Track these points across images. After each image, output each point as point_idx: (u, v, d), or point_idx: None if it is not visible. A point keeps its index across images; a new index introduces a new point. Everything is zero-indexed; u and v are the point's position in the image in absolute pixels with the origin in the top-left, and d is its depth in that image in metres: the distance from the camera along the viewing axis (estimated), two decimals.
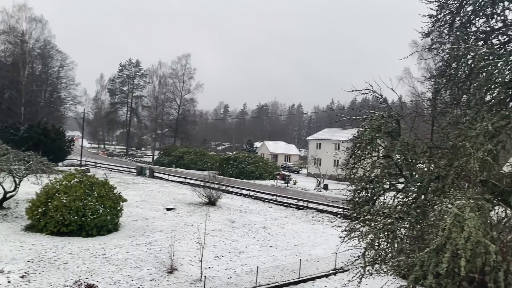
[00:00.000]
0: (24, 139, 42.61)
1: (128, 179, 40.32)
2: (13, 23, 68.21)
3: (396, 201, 9.13)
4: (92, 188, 17.94)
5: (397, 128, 9.31)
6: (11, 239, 15.10)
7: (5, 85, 66.38)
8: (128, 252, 14.86)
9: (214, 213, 24.06)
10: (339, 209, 26.28)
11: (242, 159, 55.51)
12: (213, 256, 15.38)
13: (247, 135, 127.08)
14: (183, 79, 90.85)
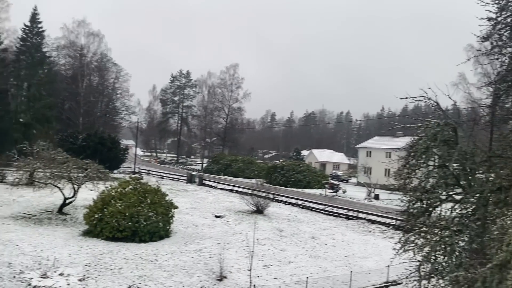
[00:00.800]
0: (82, 147, 44.89)
1: (179, 187, 41.31)
2: (73, 38, 72.38)
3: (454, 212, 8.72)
4: (145, 195, 18.53)
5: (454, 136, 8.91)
6: (70, 243, 15.87)
7: (65, 97, 70.47)
8: (179, 258, 15.17)
9: (262, 222, 24.06)
10: (392, 220, 25.44)
11: (289, 168, 55.27)
12: (262, 265, 15.35)
13: (294, 143, 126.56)
14: (231, 89, 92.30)
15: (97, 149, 46.93)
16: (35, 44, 63.28)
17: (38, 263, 12.91)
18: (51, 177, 21.47)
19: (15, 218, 19.77)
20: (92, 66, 75.22)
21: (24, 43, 63.08)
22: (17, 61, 62.59)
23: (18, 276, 11.67)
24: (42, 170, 22.72)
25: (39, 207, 23.39)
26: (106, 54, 76.23)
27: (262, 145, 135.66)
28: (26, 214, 21.01)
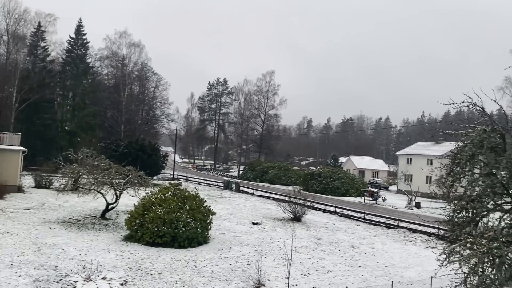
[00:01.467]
0: (124, 154, 46.28)
1: (216, 193, 41.73)
2: (115, 49, 74.99)
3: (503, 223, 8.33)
4: (184, 201, 18.81)
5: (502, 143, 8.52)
6: (112, 248, 16.33)
7: (108, 105, 72.97)
8: (217, 265, 15.28)
9: (300, 229, 23.86)
10: (434, 229, 24.59)
11: (327, 175, 54.60)
12: (300, 274, 15.20)
13: (331, 149, 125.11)
14: (267, 95, 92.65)
15: (138, 156, 48.19)
16: (79, 55, 66.05)
17: (82, 266, 13.36)
18: (94, 183, 22.22)
19: (61, 223, 20.58)
20: (133, 76, 77.57)
21: (70, 55, 65.99)
22: (63, 72, 65.51)
23: (64, 279, 12.12)
24: (86, 176, 23.56)
25: (83, 212, 24.27)
26: (146, 64, 78.48)
27: (299, 152, 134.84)
28: (71, 219, 21.83)
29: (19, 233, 17.40)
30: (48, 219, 21.19)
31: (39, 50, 61.62)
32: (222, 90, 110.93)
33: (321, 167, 72.97)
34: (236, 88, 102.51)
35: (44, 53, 62.34)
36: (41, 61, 61.96)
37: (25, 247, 15.27)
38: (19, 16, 58.94)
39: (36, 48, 61.17)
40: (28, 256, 14.02)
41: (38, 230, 18.44)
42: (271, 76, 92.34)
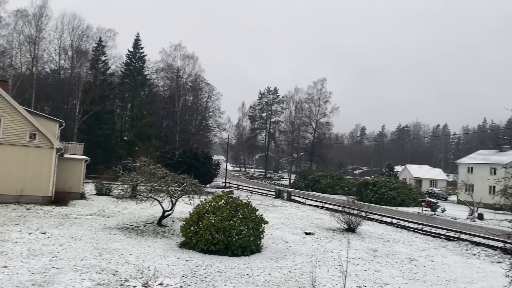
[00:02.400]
0: (178, 163, 47.57)
1: (268, 202, 41.74)
2: (170, 61, 77.75)
3: None
4: (237, 209, 18.94)
5: None
6: (168, 254, 16.73)
7: (164, 116, 75.59)
8: (271, 274, 15.19)
9: (354, 240, 23.25)
10: (500, 243, 23.04)
11: (382, 184, 53.03)
12: (355, 286, 14.75)
13: (386, 158, 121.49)
14: (318, 103, 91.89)
15: (192, 164, 49.37)
16: (137, 68, 69.05)
17: (140, 272, 13.78)
18: (151, 191, 22.97)
19: (120, 229, 21.41)
20: (187, 87, 79.90)
21: (128, 68, 69.17)
22: (122, 84, 68.75)
23: (123, 283, 12.54)
24: (144, 184, 24.40)
25: (141, 218, 25.14)
26: (199, 75, 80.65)
27: (352, 161, 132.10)
28: (130, 225, 22.66)
29: (82, 238, 18.29)
30: (109, 225, 22.13)
31: (100, 64, 65.16)
32: (272, 99, 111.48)
33: (375, 176, 71.06)
34: (287, 97, 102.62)
35: (105, 67, 65.86)
36: (102, 74, 65.47)
37: (88, 251, 16.01)
38: (82, 33, 62.82)
39: (97, 62, 64.72)
40: (90, 261, 14.67)
41: (99, 235, 19.29)
42: (322, 83, 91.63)
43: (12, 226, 19.80)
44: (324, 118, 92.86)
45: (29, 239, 17.30)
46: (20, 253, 14.91)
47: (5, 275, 12.23)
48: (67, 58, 63.61)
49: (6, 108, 27.16)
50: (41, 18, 57.79)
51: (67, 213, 25.17)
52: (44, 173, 28.22)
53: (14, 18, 55.77)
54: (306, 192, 61.68)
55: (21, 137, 27.59)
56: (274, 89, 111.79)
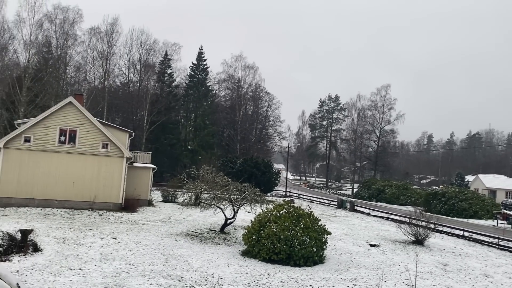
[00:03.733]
0: (239, 171, 48.21)
1: (330, 212, 40.96)
2: (232, 72, 79.51)
3: None
4: (298, 219, 18.74)
5: None
6: (231, 262, 16.90)
7: (225, 125, 77.22)
8: (334, 286, 14.81)
9: (423, 254, 22.09)
10: None
11: (451, 195, 50.12)
12: None
13: (455, 167, 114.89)
14: (382, 110, 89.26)
15: (253, 173, 49.79)
16: (200, 80, 71.31)
17: (204, 279, 14.02)
18: (214, 198, 23.42)
19: (185, 235, 22.01)
20: (248, 96, 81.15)
21: (192, 79, 71.62)
22: (186, 95, 71.27)
23: None
24: (207, 192, 24.95)
25: (204, 226, 25.69)
26: (260, 85, 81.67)
27: (418, 170, 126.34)
28: (194, 232, 23.23)
29: (149, 244, 19.01)
30: (174, 232, 22.83)
31: (166, 76, 68.15)
32: (333, 107, 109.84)
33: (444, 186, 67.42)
34: (349, 104, 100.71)
35: (170, 79, 68.76)
36: (168, 86, 68.40)
37: (155, 257, 16.59)
38: (150, 47, 66.19)
39: (163, 75, 67.75)
40: (157, 266, 15.18)
41: (165, 241, 19.94)
42: (386, 90, 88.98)
43: (87, 231, 21.06)
44: (388, 125, 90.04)
45: (101, 243, 18.29)
46: (93, 256, 15.79)
47: (80, 277, 12.99)
48: (135, 72, 67.28)
49: (81, 120, 29.13)
50: (112, 34, 61.76)
51: (135, 219, 26.35)
52: (115, 181, 29.82)
53: (88, 36, 60.12)
54: (370, 202, 59.83)
55: (94, 147, 29.41)
56: (335, 96, 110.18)
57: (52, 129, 28.58)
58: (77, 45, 58.01)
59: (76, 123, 29.02)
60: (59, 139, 28.72)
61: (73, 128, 28.98)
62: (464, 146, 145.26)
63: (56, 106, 29.34)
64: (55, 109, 28.86)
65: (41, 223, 21.88)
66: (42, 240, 17.29)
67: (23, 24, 49.75)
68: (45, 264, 14.06)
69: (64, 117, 28.87)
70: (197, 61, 71.81)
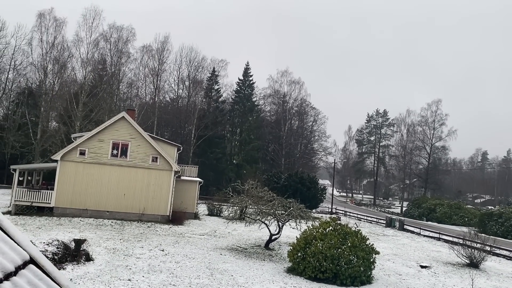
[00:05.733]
0: (284, 187, 47.93)
1: (378, 230, 39.74)
2: (277, 87, 79.98)
3: None
4: (345, 237, 18.30)
5: None
6: (276, 279, 16.72)
7: (270, 140, 77.42)
8: None
9: (478, 278, 20.82)
10: None
11: (509, 215, 47.14)
12: None
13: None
14: (433, 126, 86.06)
15: (298, 188, 49.34)
16: (246, 95, 72.20)
17: None
18: (259, 213, 23.39)
19: (230, 250, 22.08)
20: (293, 111, 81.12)
21: (238, 95, 72.67)
22: (232, 111, 72.34)
23: None
24: (251, 206, 24.98)
25: (249, 241, 25.67)
26: (305, 100, 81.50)
27: (472, 188, 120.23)
28: (239, 247, 23.26)
29: (195, 257, 19.22)
30: (219, 246, 22.98)
31: (213, 92, 69.66)
32: (382, 122, 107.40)
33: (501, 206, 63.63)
34: (398, 119, 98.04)
35: (217, 95, 70.18)
36: (215, 101, 69.81)
37: (200, 270, 16.74)
38: (198, 64, 68.07)
39: (210, 91, 69.30)
40: (203, 280, 15.30)
41: (211, 255, 20.10)
42: (437, 105, 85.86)
43: (135, 242, 21.65)
44: (439, 142, 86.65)
45: (149, 255, 18.72)
46: (141, 268, 16.17)
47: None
48: (184, 88, 69.32)
49: (133, 134, 30.26)
50: (163, 52, 64.15)
51: (182, 232, 26.80)
52: (163, 194, 30.57)
53: (140, 53, 62.80)
54: (420, 221, 57.45)
55: (144, 160, 30.39)
56: (384, 111, 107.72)
57: (105, 142, 29.87)
58: (130, 62, 60.79)
59: (128, 137, 30.16)
60: (111, 153, 29.93)
61: (125, 142, 30.13)
62: None
63: (110, 121, 30.71)
64: (108, 124, 30.19)
65: (93, 233, 22.75)
66: (94, 250, 17.94)
67: (81, 43, 52.97)
68: (96, 274, 14.55)
69: (117, 131, 30.10)
70: (243, 76, 72.88)
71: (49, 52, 52.07)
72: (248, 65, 73.06)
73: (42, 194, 28.83)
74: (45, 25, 52.38)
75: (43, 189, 30.23)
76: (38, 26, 52.35)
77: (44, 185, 34.12)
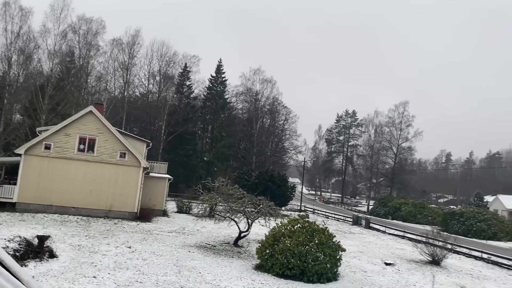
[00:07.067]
0: (255, 184, 48.15)
1: (344, 228, 40.49)
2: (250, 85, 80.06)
3: None
4: (313, 234, 18.56)
5: None
6: (244, 276, 16.80)
7: (241, 138, 77.46)
8: None
9: (439, 275, 21.59)
10: None
11: (470, 215, 49.08)
12: None
13: (474, 187, 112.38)
14: (400, 127, 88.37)
15: (268, 186, 49.67)
16: (218, 92, 71.95)
17: None
18: (229, 211, 23.40)
19: (199, 247, 22.01)
20: (265, 110, 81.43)
21: (210, 92, 72.31)
22: (204, 107, 71.94)
23: None
24: (221, 204, 24.96)
25: (218, 238, 25.65)
26: (277, 98, 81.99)
27: (436, 188, 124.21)
28: (207, 244, 23.21)
29: (163, 254, 19.05)
30: (188, 243, 22.86)
31: (184, 88, 69.01)
32: (350, 122, 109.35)
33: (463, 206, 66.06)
34: (366, 120, 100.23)
35: (189, 91, 69.60)
36: (186, 98, 69.20)
37: (168, 268, 16.61)
38: (169, 59, 67.28)
39: (182, 87, 68.62)
40: (170, 277, 15.19)
41: (179, 252, 19.97)
42: (404, 106, 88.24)
43: (102, 239, 21.25)
44: (406, 142, 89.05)
45: (116, 252, 18.42)
46: (107, 265, 15.89)
47: (93, 285, 13.07)
48: (155, 83, 68.38)
49: (101, 129, 29.63)
50: (133, 46, 63.01)
51: (150, 229, 26.48)
52: (131, 190, 30.10)
53: (110, 47, 61.42)
54: (385, 220, 58.95)
55: (112, 156, 29.82)
56: (353, 112, 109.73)
57: (72, 137, 29.12)
58: (99, 55, 59.30)
59: (95, 132, 29.51)
60: (78, 147, 29.22)
61: (92, 136, 29.47)
62: (483, 165, 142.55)
63: (77, 114, 29.96)
64: (75, 118, 29.45)
65: (57, 230, 22.17)
66: (58, 246, 17.50)
67: (48, 34, 51.20)
68: (60, 271, 14.21)
69: (84, 125, 29.40)
70: (216, 73, 72.56)
71: (14, 42, 50.11)
72: (220, 61, 72.84)
73: (4, 189, 27.85)
74: (10, 14, 50.36)
75: (5, 184, 29.19)
76: (3, 15, 50.26)
77: (6, 179, 32.91)
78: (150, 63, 66.90)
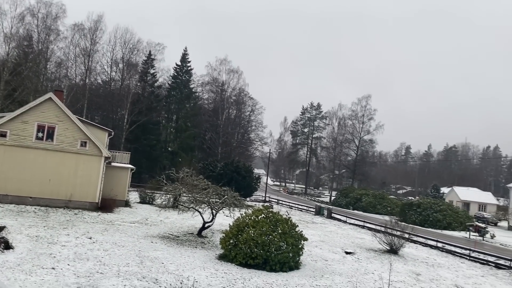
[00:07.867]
0: (220, 175, 48.12)
1: (307, 218, 41.22)
2: (216, 75, 79.47)
3: None
4: (276, 224, 18.82)
5: None
6: (207, 266, 16.85)
7: (207, 128, 76.96)
8: None
9: (396, 263, 22.47)
10: None
11: (427, 206, 51.12)
12: None
13: (431, 179, 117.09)
14: (362, 120, 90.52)
15: (233, 177, 49.75)
16: (184, 81, 70.97)
17: (180, 282, 13.95)
18: (193, 201, 23.32)
19: (162, 238, 21.84)
20: (231, 100, 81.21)
21: (175, 81, 71.22)
22: (169, 97, 70.81)
23: None
24: (185, 194, 24.82)
25: (182, 229, 25.54)
26: (243, 89, 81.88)
27: (395, 180, 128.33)
28: (171, 235, 23.07)
29: (125, 245, 18.79)
30: (151, 234, 22.63)
31: (148, 76, 67.59)
32: (315, 115, 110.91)
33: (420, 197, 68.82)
34: (330, 113, 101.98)
35: (153, 79, 68.20)
36: (150, 86, 67.82)
37: (130, 258, 16.42)
38: (133, 46, 65.59)
39: (146, 75, 67.18)
40: (132, 268, 15.03)
41: (141, 243, 19.75)
42: (367, 100, 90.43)
43: (61, 229, 20.69)
44: (367, 135, 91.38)
45: (76, 243, 18.00)
46: (67, 256, 15.52)
47: (52, 277, 12.76)
48: (118, 70, 66.50)
49: (60, 116, 28.65)
50: (96, 32, 60.98)
51: (112, 219, 26.00)
52: (92, 180, 29.37)
53: (71, 32, 59.16)
54: (347, 210, 60.48)
55: (72, 144, 28.95)
56: (318, 104, 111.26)
57: (29, 124, 28.02)
58: (59, 40, 57.02)
59: (54, 119, 28.52)
60: (36, 135, 28.17)
61: (51, 124, 28.47)
62: (440, 158, 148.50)
63: (35, 101, 28.80)
64: (33, 105, 28.31)
65: (13, 220, 21.38)
66: (14, 237, 16.91)
67: (4, 17, 48.75)
68: (17, 262, 13.76)
69: (43, 113, 28.33)
70: (181, 62, 71.50)
71: None
72: (186, 50, 71.80)
73: None
74: None
75: None
76: None
77: None
78: (113, 50, 65.03)
